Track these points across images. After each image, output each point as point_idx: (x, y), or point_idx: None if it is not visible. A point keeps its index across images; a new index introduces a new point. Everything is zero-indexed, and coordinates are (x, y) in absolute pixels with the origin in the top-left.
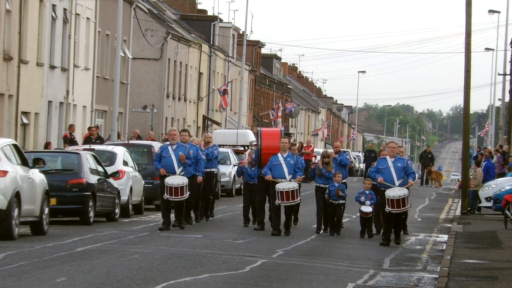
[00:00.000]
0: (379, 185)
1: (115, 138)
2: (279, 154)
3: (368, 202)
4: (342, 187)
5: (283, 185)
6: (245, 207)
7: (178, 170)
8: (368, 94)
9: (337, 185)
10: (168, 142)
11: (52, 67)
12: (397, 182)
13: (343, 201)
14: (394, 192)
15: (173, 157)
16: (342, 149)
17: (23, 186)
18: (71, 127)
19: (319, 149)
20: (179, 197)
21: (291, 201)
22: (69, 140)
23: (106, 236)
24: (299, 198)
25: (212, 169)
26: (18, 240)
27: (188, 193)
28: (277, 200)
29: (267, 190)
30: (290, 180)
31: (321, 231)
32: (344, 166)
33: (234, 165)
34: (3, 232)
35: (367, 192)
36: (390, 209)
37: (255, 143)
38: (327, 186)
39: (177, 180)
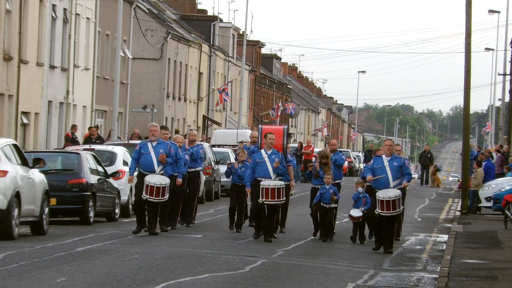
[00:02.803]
0: (373, 185)
1: (115, 138)
2: (262, 151)
3: (361, 208)
4: (334, 189)
5: (268, 182)
6: (231, 209)
7: (157, 169)
8: (368, 94)
9: (327, 187)
10: (148, 139)
11: (52, 67)
12: (392, 183)
13: (335, 205)
14: (386, 193)
15: (152, 154)
16: (342, 149)
17: (23, 186)
18: (74, 127)
19: (319, 149)
20: (159, 198)
21: (276, 199)
22: (71, 140)
23: (106, 236)
24: (284, 198)
25: (198, 169)
26: (18, 240)
27: (168, 195)
28: (260, 198)
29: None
30: (274, 179)
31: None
32: (339, 166)
33: None
34: (3, 232)
35: (361, 195)
36: (379, 211)
37: (241, 141)
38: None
39: (158, 179)
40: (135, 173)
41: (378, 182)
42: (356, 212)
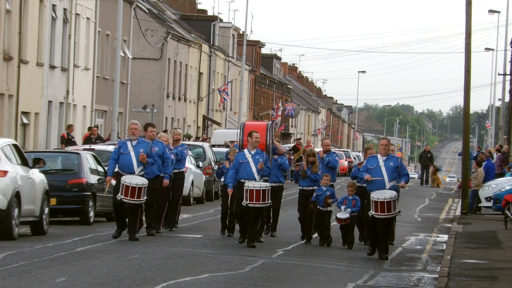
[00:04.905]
0: (368, 187)
1: (116, 138)
2: (246, 151)
3: (348, 210)
4: (332, 191)
5: (253, 183)
6: (223, 212)
7: (137, 170)
8: (368, 94)
9: (325, 189)
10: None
11: (52, 67)
12: (388, 184)
13: (332, 208)
14: (381, 194)
15: (132, 154)
16: (342, 149)
17: (23, 186)
18: (70, 127)
19: (319, 148)
20: (135, 199)
21: (261, 202)
22: (66, 141)
23: (106, 236)
24: (270, 201)
25: (182, 170)
26: (18, 240)
27: (145, 197)
28: (244, 201)
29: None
30: (259, 181)
31: (304, 241)
32: (333, 168)
33: None
34: (3, 232)
35: (350, 197)
36: (373, 212)
37: (231, 140)
38: (311, 189)
39: (135, 179)
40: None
41: (373, 183)
42: (343, 214)
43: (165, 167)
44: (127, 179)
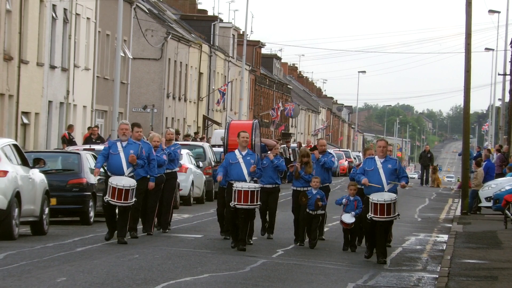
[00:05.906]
0: (365, 191)
1: (116, 138)
2: (236, 151)
3: (352, 213)
4: (322, 195)
5: (242, 184)
6: (219, 214)
7: (126, 171)
8: (368, 94)
9: (315, 192)
10: (117, 138)
11: (53, 67)
12: (386, 187)
13: (322, 212)
14: (380, 196)
15: (122, 155)
16: (343, 149)
17: (23, 186)
18: (70, 128)
19: None
20: (123, 201)
21: (249, 203)
22: (68, 141)
23: None
24: (259, 203)
25: (174, 170)
26: (19, 240)
27: (134, 199)
28: (232, 202)
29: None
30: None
31: (298, 243)
32: (328, 169)
33: None
34: (3, 232)
35: (351, 198)
36: (372, 215)
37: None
38: (305, 189)
39: (124, 181)
40: (104, 178)
41: (371, 187)
42: (348, 218)
43: (151, 169)
44: (114, 181)
